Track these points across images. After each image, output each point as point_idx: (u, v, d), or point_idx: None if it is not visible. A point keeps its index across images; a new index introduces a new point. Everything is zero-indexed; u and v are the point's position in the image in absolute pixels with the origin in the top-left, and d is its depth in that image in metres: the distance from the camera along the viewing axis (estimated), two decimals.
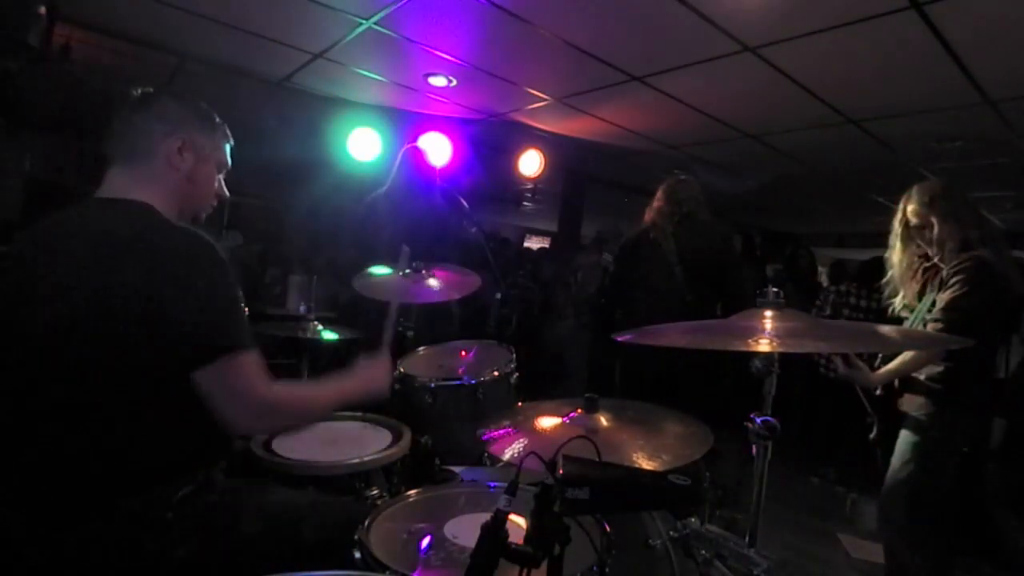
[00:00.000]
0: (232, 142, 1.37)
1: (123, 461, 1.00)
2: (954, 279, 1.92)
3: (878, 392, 2.15)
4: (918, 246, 2.10)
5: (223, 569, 1.12)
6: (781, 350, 1.02)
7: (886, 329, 1.22)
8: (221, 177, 1.36)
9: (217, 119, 1.33)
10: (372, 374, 1.47)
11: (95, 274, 1.04)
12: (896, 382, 2.11)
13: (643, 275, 2.89)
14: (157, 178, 1.21)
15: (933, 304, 1.99)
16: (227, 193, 1.38)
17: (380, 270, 2.47)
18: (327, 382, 1.40)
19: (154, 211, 1.17)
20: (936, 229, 2.00)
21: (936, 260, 2.04)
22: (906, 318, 2.12)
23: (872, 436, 2.18)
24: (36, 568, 1.03)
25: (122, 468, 1.03)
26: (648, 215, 2.98)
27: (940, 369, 1.98)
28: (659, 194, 2.98)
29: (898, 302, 2.16)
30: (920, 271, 2.12)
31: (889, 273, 2.19)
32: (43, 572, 1.03)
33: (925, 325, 2.00)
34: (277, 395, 1.16)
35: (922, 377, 2.04)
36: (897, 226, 2.14)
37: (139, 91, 1.25)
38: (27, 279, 1.09)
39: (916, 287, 2.11)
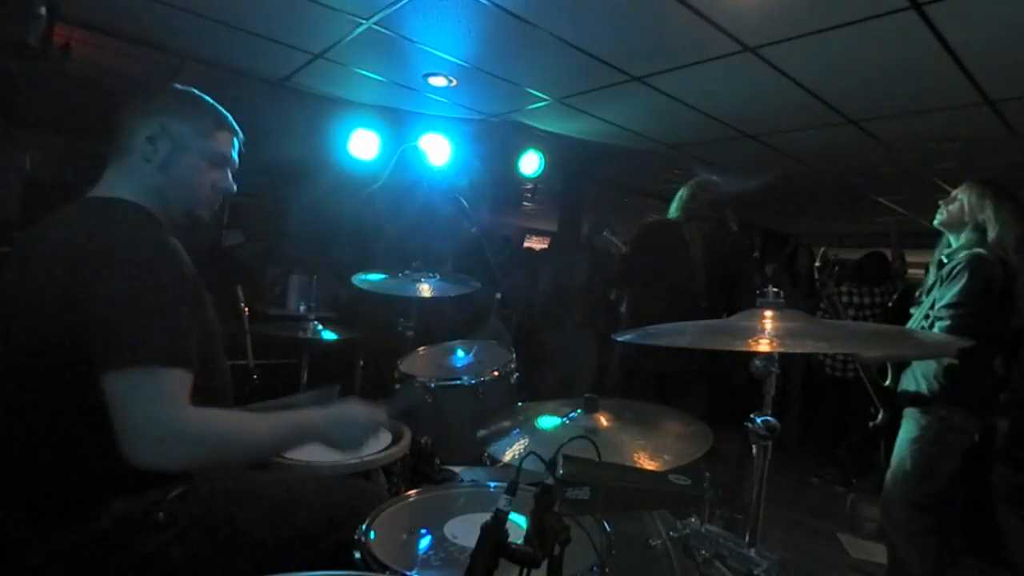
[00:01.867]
0: (240, 137, 1.31)
1: (111, 462, 0.98)
2: (952, 277, 1.93)
3: (886, 383, 2.16)
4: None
5: (221, 568, 1.11)
6: (781, 350, 1.02)
7: (886, 329, 1.22)
8: (224, 172, 1.29)
9: (210, 108, 1.27)
10: (345, 419, 1.21)
11: (51, 276, 1.03)
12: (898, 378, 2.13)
13: (661, 271, 2.77)
14: (133, 172, 1.19)
15: (934, 302, 2.00)
16: (232, 188, 1.31)
17: (377, 276, 2.47)
18: (277, 415, 1.16)
19: (121, 206, 1.14)
20: (953, 215, 2.05)
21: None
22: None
23: (876, 423, 2.19)
24: (31, 569, 1.03)
25: (110, 469, 1.01)
26: (681, 210, 2.82)
27: (936, 366, 1.99)
28: (694, 190, 2.83)
29: None
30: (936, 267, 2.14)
31: None
32: (38, 573, 1.03)
33: (927, 319, 2.01)
34: (189, 423, 0.99)
35: (918, 373, 2.05)
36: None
37: (139, 90, 1.24)
38: (12, 282, 1.10)
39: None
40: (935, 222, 2.13)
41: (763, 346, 1.02)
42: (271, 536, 1.16)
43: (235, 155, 1.32)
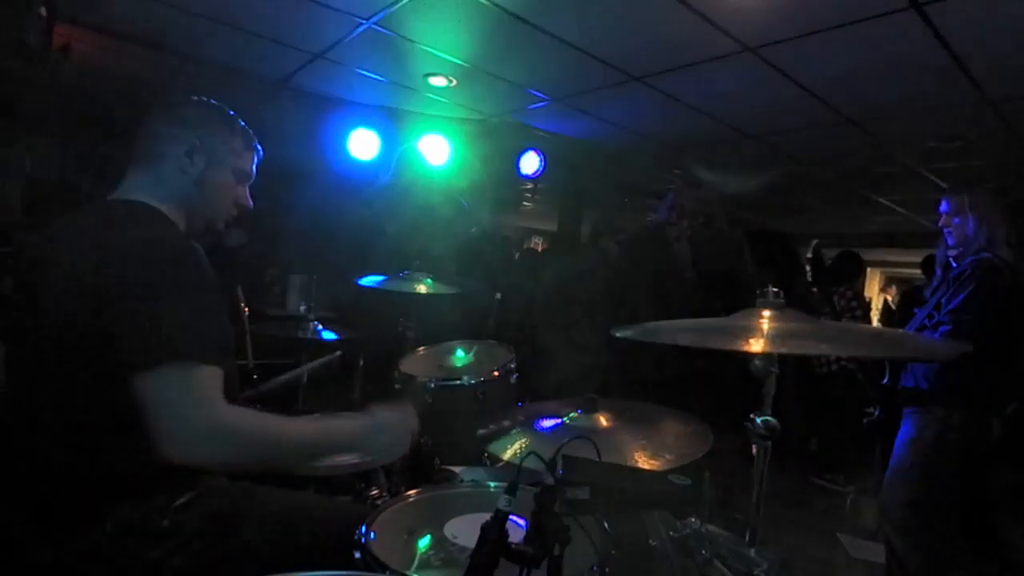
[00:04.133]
0: (260, 153, 1.34)
1: (115, 469, 0.98)
2: (958, 281, 1.94)
3: (884, 381, 2.16)
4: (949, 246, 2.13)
5: (224, 575, 1.11)
6: (781, 351, 1.02)
7: (888, 333, 1.22)
8: (245, 188, 1.33)
9: (241, 126, 1.30)
10: (383, 428, 1.21)
11: (72, 276, 1.03)
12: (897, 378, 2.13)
13: (652, 275, 2.81)
14: (165, 182, 1.21)
15: (939, 304, 2.00)
16: (250, 203, 1.34)
17: (377, 276, 2.47)
18: (311, 420, 1.18)
19: (147, 210, 1.14)
20: (967, 227, 2.05)
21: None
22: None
23: (870, 420, 2.19)
24: (34, 571, 1.03)
25: (115, 476, 1.01)
26: (666, 213, 2.87)
27: (936, 367, 1.99)
28: (677, 192, 2.90)
29: None
30: (944, 269, 2.15)
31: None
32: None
33: (930, 319, 2.02)
34: (227, 419, 1.00)
35: (918, 373, 2.05)
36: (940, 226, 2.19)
37: (169, 98, 1.25)
38: (29, 283, 1.10)
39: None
40: (951, 250, 2.12)
41: (759, 346, 1.01)
42: (274, 553, 1.15)
43: (255, 171, 1.36)
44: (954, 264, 2.06)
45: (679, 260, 2.77)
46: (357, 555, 1.04)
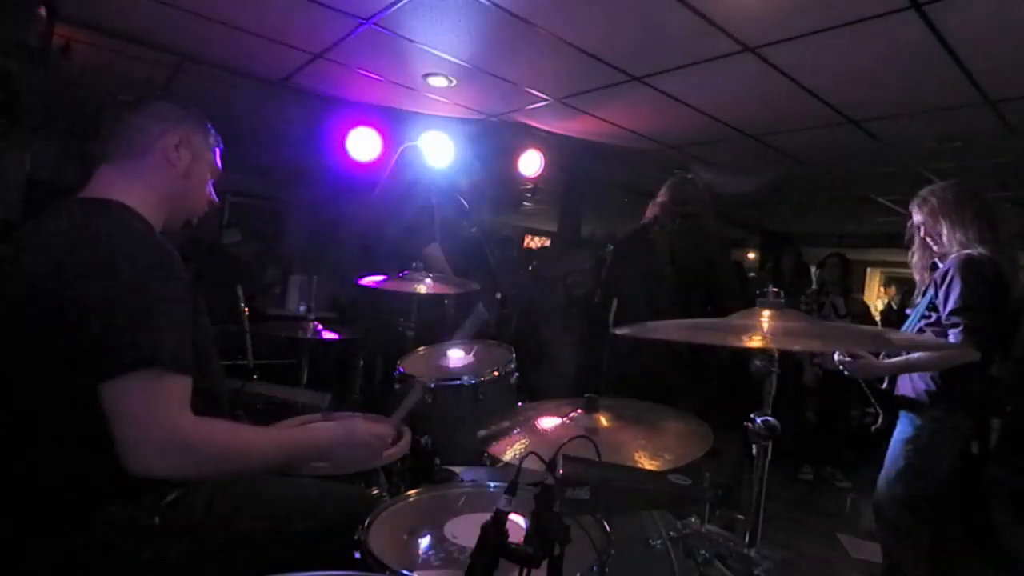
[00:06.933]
0: (221, 147, 1.37)
1: (105, 467, 0.97)
2: (948, 283, 1.93)
3: (884, 385, 2.15)
4: (929, 247, 2.12)
5: (220, 569, 1.10)
6: (778, 347, 1.02)
7: (892, 335, 1.22)
8: (211, 183, 1.36)
9: (210, 125, 1.33)
10: (350, 439, 1.22)
11: (43, 279, 1.02)
12: (894, 380, 2.12)
13: (636, 272, 2.88)
14: (147, 176, 1.20)
15: (932, 304, 2.00)
16: (216, 199, 1.38)
17: (377, 276, 2.47)
18: (277, 430, 1.20)
19: (119, 210, 1.13)
20: (943, 232, 2.03)
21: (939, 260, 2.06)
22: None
23: (876, 427, 2.19)
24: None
25: (104, 474, 1.00)
26: (650, 212, 2.96)
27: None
28: (663, 192, 2.95)
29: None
30: (929, 271, 2.14)
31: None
32: None
33: (925, 319, 2.01)
34: (188, 432, 0.99)
35: (915, 374, 2.05)
36: (910, 227, 2.18)
37: (134, 95, 1.26)
38: (5, 282, 1.09)
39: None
40: (935, 264, 2.10)
41: (756, 342, 1.01)
42: (270, 540, 1.15)
43: (219, 164, 1.39)
44: (940, 265, 2.05)
45: (660, 259, 2.83)
46: (357, 555, 1.04)
